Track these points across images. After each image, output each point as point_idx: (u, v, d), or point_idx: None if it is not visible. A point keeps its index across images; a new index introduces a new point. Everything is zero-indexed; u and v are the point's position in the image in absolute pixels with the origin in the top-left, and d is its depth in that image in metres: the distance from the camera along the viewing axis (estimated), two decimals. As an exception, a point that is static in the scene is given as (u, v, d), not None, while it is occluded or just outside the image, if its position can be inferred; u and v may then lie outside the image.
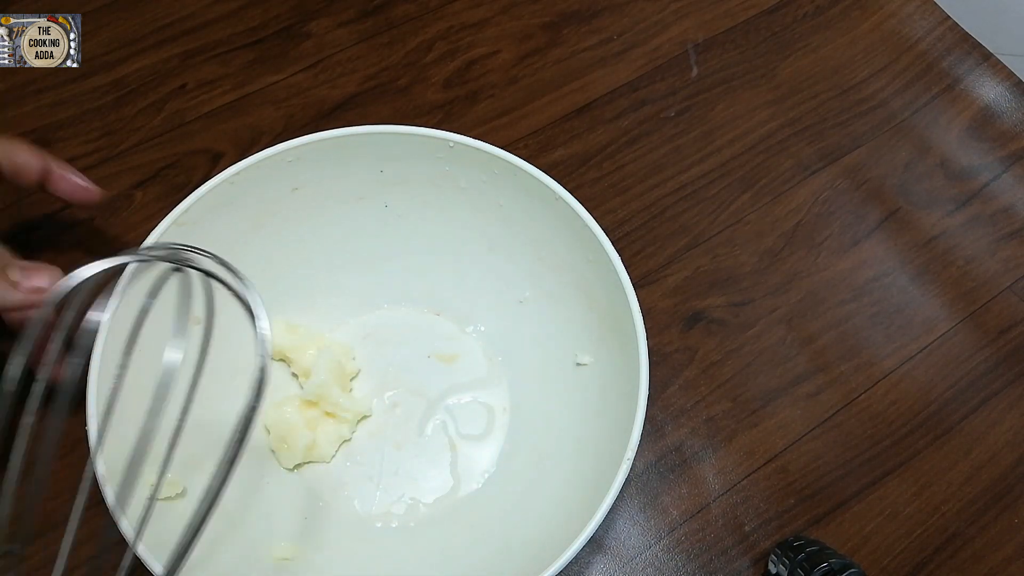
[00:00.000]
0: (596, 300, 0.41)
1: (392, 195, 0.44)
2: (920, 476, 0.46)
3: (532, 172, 0.41)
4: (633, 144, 0.54)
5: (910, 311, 0.50)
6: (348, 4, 0.58)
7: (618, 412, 0.38)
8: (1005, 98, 0.58)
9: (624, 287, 0.39)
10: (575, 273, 0.42)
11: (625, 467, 0.35)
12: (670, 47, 0.58)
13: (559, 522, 0.37)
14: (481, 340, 0.46)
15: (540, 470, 0.42)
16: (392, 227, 0.45)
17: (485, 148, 0.41)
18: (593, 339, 0.42)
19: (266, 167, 0.40)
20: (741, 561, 0.43)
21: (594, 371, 0.42)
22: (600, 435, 0.39)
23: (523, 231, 0.43)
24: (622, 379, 0.38)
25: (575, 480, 0.39)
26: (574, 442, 0.41)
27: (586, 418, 0.41)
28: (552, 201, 0.41)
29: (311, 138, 0.41)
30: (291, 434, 0.42)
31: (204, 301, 0.30)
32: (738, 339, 0.49)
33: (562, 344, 0.43)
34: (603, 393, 0.40)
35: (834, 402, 0.47)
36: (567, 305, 0.43)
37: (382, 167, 0.43)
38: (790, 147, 0.55)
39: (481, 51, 0.57)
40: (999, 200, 0.54)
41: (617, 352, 0.39)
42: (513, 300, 0.45)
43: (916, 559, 0.44)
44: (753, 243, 0.51)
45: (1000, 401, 0.48)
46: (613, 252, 0.39)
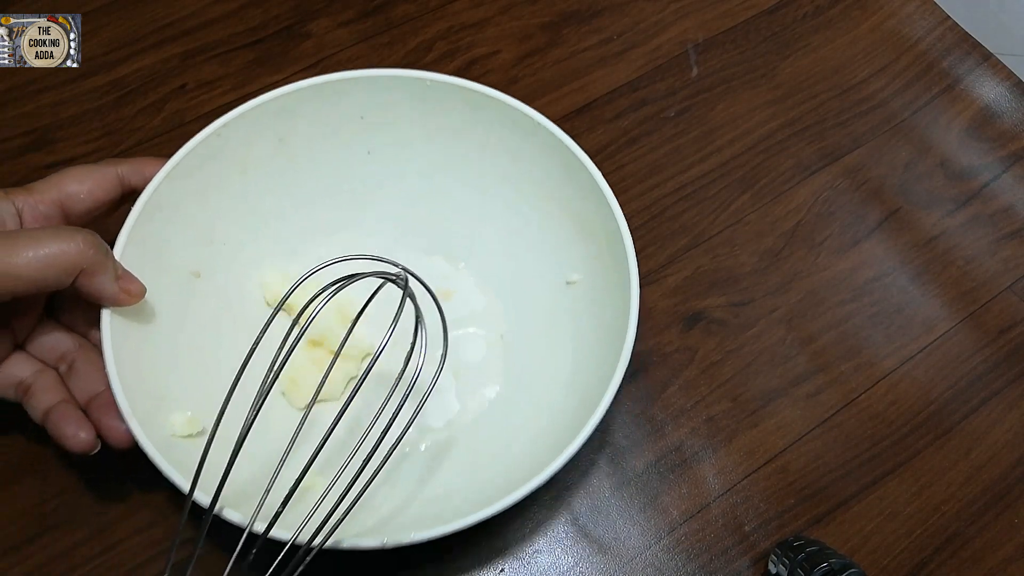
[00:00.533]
0: (582, 220, 0.43)
1: (375, 140, 0.46)
2: (920, 476, 0.46)
3: (509, 102, 0.42)
4: (633, 144, 0.54)
5: (910, 311, 0.50)
6: (348, 4, 0.58)
7: (614, 315, 0.39)
8: (1005, 98, 0.58)
9: (608, 200, 0.40)
10: (562, 199, 0.44)
11: (626, 355, 0.37)
12: (670, 47, 0.58)
13: (565, 423, 0.38)
14: (474, 275, 0.48)
15: (542, 385, 0.43)
16: (377, 172, 0.47)
17: (461, 83, 0.42)
18: (582, 257, 0.44)
19: (251, 118, 0.42)
20: (741, 561, 0.43)
21: (584, 287, 0.44)
22: (598, 340, 0.41)
23: (508, 165, 0.45)
24: (612, 287, 0.40)
25: (576, 385, 0.40)
26: (572, 353, 0.43)
27: (580, 330, 0.43)
28: (532, 129, 0.42)
29: (294, 86, 0.42)
30: (300, 375, 0.43)
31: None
32: (738, 339, 0.49)
33: (552, 267, 0.45)
34: (595, 307, 0.42)
35: (834, 402, 0.47)
36: (554, 231, 0.45)
37: (363, 113, 0.44)
38: (790, 147, 0.55)
39: (481, 51, 0.57)
40: (999, 200, 0.54)
41: (607, 263, 0.41)
42: (502, 232, 0.47)
43: (916, 559, 0.44)
44: (753, 243, 0.51)
45: (1000, 401, 0.48)
46: (595, 169, 0.41)
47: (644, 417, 0.46)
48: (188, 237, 0.42)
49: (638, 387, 0.47)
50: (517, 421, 0.43)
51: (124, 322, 0.37)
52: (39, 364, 0.38)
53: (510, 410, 0.44)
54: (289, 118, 0.43)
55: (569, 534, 0.43)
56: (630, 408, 0.46)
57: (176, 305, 0.41)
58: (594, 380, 0.38)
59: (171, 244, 0.41)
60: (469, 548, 0.43)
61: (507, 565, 0.42)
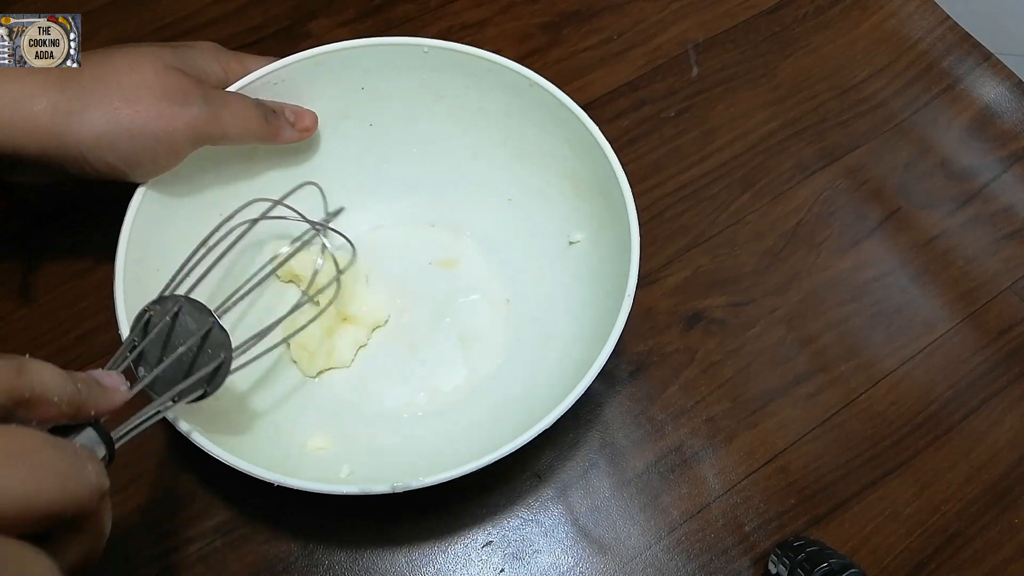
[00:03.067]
0: (582, 180, 0.44)
1: (376, 112, 0.46)
2: (920, 476, 0.46)
3: (504, 63, 0.42)
4: (633, 144, 0.54)
5: (910, 311, 0.50)
6: (348, 4, 0.58)
7: (614, 271, 0.40)
8: (1005, 98, 0.58)
9: (608, 156, 0.40)
10: (559, 160, 0.44)
11: (627, 303, 0.37)
12: (670, 47, 0.58)
13: (570, 375, 0.38)
14: (477, 242, 0.49)
15: (545, 348, 0.44)
16: (378, 144, 0.47)
17: (458, 48, 0.43)
18: (583, 217, 0.44)
19: (252, 92, 0.42)
20: (741, 561, 0.43)
21: (586, 246, 0.44)
22: (597, 295, 0.41)
23: (505, 130, 0.46)
24: (613, 242, 0.41)
25: (579, 342, 0.41)
26: (576, 310, 0.43)
27: (583, 287, 0.43)
28: (527, 88, 0.42)
29: (292, 58, 0.42)
30: (310, 342, 0.44)
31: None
32: (738, 339, 0.49)
33: (554, 229, 0.46)
34: (597, 263, 0.43)
35: (834, 402, 0.47)
36: (554, 195, 0.46)
37: (363, 84, 0.44)
38: (790, 147, 0.55)
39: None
40: (999, 200, 0.54)
41: (607, 221, 0.41)
42: (503, 200, 0.48)
43: (916, 559, 0.44)
44: (753, 243, 0.51)
45: (1000, 401, 0.48)
46: (592, 124, 0.41)
47: (644, 417, 0.46)
48: (195, 209, 0.42)
49: (638, 387, 0.47)
50: (523, 380, 0.44)
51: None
52: None
53: (517, 371, 0.45)
54: (289, 91, 0.43)
55: (569, 534, 0.43)
56: (630, 408, 0.46)
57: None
58: (599, 332, 0.39)
59: (179, 216, 0.41)
60: (469, 548, 0.43)
61: (507, 565, 0.42)
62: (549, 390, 0.39)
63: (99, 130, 0.36)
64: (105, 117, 0.36)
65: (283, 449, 0.40)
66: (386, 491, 0.34)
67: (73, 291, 0.47)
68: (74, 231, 0.48)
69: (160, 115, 0.37)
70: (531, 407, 0.39)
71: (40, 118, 0.35)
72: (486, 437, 0.39)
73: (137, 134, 0.37)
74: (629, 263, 0.38)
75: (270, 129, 0.41)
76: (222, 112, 0.39)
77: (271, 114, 0.42)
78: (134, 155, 0.37)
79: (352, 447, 0.42)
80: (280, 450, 0.40)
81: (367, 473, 0.40)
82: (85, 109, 0.36)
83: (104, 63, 0.38)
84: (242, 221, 0.39)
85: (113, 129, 0.36)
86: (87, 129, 0.36)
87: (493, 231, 0.48)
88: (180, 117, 0.37)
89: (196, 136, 0.38)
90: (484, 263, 0.48)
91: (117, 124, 0.36)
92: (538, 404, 0.38)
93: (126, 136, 0.37)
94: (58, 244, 0.48)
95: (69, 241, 0.48)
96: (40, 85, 0.36)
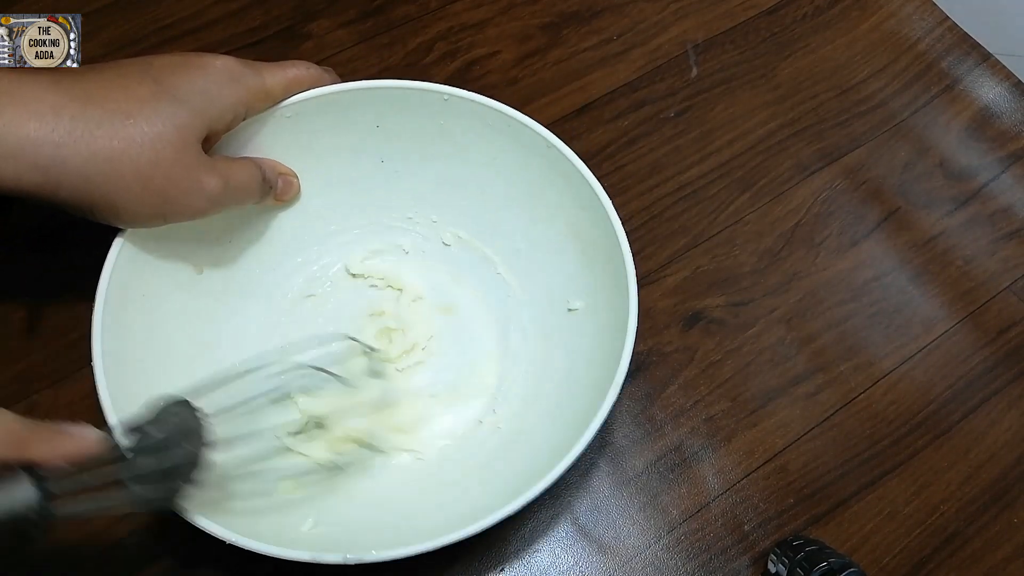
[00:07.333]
0: (587, 245, 0.43)
1: (389, 150, 0.45)
2: (919, 476, 0.46)
3: (525, 121, 0.42)
4: (633, 144, 0.54)
5: (909, 311, 0.50)
6: (349, 4, 0.58)
7: (612, 335, 0.39)
8: (1004, 98, 0.58)
9: (615, 228, 0.40)
10: (567, 221, 0.43)
11: (620, 375, 0.37)
12: (670, 47, 0.58)
13: (563, 438, 0.37)
14: (476, 290, 0.48)
15: (540, 402, 0.43)
16: (389, 182, 0.47)
17: (479, 99, 0.42)
18: (586, 284, 0.43)
19: (268, 123, 0.41)
20: (741, 560, 0.43)
21: (585, 315, 0.43)
22: (592, 362, 0.40)
23: (517, 183, 0.45)
24: (612, 314, 0.40)
25: (571, 406, 0.40)
26: (567, 372, 0.43)
27: (578, 355, 0.42)
28: (544, 150, 0.42)
29: (310, 94, 0.42)
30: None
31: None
32: (738, 339, 0.49)
33: (555, 291, 0.45)
34: (594, 332, 0.42)
35: (833, 402, 0.47)
36: (559, 254, 0.45)
37: (378, 122, 0.44)
38: (790, 147, 0.55)
39: (481, 52, 0.57)
40: (998, 200, 0.54)
41: (609, 291, 0.41)
42: (509, 251, 0.47)
43: (915, 558, 0.44)
44: (753, 243, 0.52)
45: (999, 401, 0.48)
46: (603, 194, 0.40)
47: (644, 417, 0.46)
48: (194, 234, 0.41)
49: (638, 387, 0.47)
50: (514, 436, 0.42)
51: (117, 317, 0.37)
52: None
53: (508, 426, 0.43)
54: (304, 123, 0.42)
55: (569, 534, 0.43)
56: (630, 408, 0.46)
57: (178, 301, 0.41)
58: (592, 396, 0.38)
59: (175, 240, 0.41)
60: (469, 548, 0.43)
61: (507, 565, 0.42)
62: (537, 454, 0.39)
63: (116, 205, 0.36)
64: (124, 198, 0.36)
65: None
66: (338, 562, 0.33)
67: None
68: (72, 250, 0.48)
69: (176, 200, 0.37)
70: (517, 469, 0.39)
71: (54, 191, 0.35)
72: (463, 499, 0.39)
73: (149, 211, 0.37)
74: (624, 339, 0.38)
75: (261, 199, 0.42)
76: (229, 188, 0.39)
77: (268, 190, 0.42)
78: (149, 222, 0.38)
79: (320, 499, 0.40)
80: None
81: (329, 532, 0.38)
82: (105, 182, 0.35)
83: (124, 126, 0.35)
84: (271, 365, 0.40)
85: (133, 209, 0.36)
86: (101, 202, 0.36)
87: (494, 282, 0.47)
88: (193, 201, 0.37)
89: (204, 213, 0.38)
90: (481, 312, 0.47)
91: (132, 200, 0.36)
92: (522, 472, 0.38)
93: (136, 203, 0.36)
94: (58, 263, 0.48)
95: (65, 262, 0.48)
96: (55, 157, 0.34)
